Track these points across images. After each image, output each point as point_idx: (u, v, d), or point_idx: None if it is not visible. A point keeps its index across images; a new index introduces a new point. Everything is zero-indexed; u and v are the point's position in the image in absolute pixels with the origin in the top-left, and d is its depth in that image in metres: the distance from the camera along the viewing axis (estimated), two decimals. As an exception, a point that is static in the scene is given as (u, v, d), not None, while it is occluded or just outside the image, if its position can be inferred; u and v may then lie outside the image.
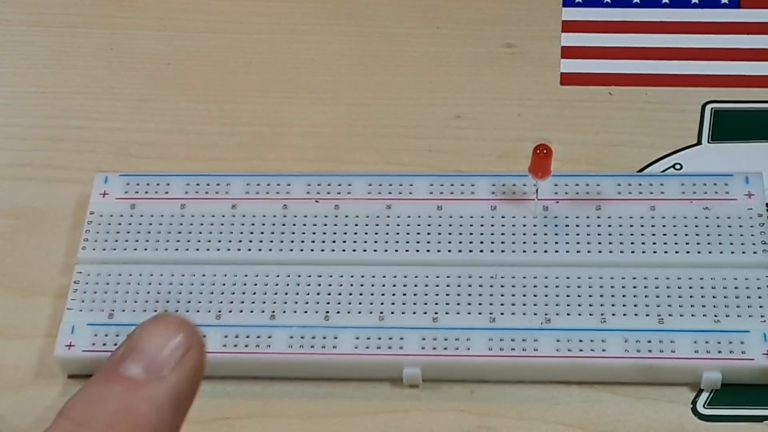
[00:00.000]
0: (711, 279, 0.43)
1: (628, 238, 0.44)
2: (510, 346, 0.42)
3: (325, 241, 0.45)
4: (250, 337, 0.42)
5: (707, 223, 0.44)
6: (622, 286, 0.43)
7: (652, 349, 0.41)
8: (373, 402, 0.42)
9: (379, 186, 0.46)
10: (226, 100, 0.52)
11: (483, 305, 0.43)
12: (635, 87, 0.51)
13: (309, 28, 0.55)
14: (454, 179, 0.46)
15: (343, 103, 0.52)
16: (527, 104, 0.51)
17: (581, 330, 0.42)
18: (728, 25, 0.53)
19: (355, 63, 0.53)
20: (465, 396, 0.42)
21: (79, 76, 0.53)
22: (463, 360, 0.42)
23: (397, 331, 0.42)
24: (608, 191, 0.45)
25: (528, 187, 0.45)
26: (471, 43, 0.54)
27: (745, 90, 0.51)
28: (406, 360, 0.42)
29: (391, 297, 0.43)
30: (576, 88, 0.52)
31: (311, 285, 0.44)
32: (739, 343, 0.41)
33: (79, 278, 0.44)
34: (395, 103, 0.52)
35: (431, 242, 0.44)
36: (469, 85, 0.52)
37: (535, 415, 0.42)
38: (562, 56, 0.53)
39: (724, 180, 0.45)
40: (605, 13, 0.54)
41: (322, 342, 0.42)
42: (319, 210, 0.45)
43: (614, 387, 0.42)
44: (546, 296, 0.43)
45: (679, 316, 0.42)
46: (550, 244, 0.44)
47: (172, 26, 0.55)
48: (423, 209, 0.45)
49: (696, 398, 0.42)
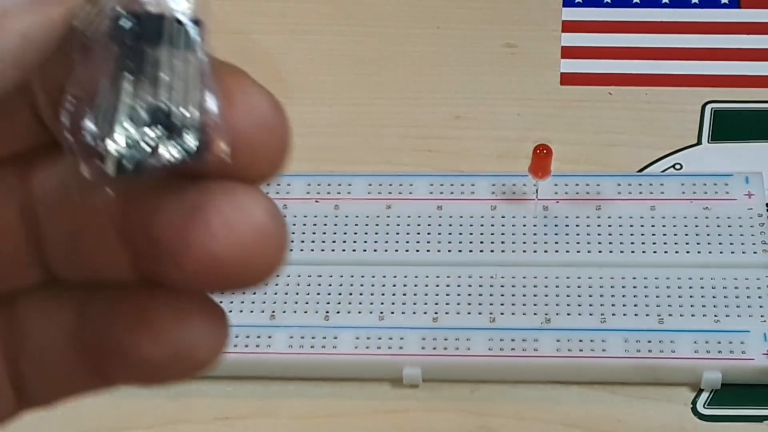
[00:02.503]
0: (711, 279, 0.43)
1: (628, 238, 0.44)
2: (510, 346, 0.42)
3: (325, 241, 0.45)
4: (250, 337, 0.42)
5: (707, 223, 0.44)
6: (622, 286, 0.43)
7: (652, 349, 0.41)
8: (373, 402, 0.42)
9: (379, 186, 0.46)
10: (226, 100, 0.52)
11: (483, 305, 0.43)
12: (635, 87, 0.51)
13: (309, 28, 0.55)
14: (454, 179, 0.46)
15: (343, 103, 0.52)
16: (527, 104, 0.51)
17: (581, 330, 0.42)
18: (728, 25, 0.53)
19: (355, 63, 0.53)
20: (465, 396, 0.42)
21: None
22: (463, 360, 0.42)
23: (397, 331, 0.42)
24: (608, 191, 0.45)
25: (528, 187, 0.45)
26: (471, 43, 0.54)
27: (745, 90, 0.51)
28: (406, 360, 0.42)
29: (391, 297, 0.43)
30: (576, 88, 0.52)
31: (311, 285, 0.44)
32: (739, 343, 0.41)
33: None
34: (395, 103, 0.52)
35: (431, 242, 0.44)
36: (469, 85, 0.52)
37: (535, 415, 0.42)
38: (562, 56, 0.53)
39: (724, 180, 0.45)
40: (605, 13, 0.54)
41: (322, 342, 0.42)
42: (319, 210, 0.45)
43: (614, 387, 0.42)
44: (546, 296, 0.43)
45: (679, 316, 0.42)
46: (550, 244, 0.44)
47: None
48: (423, 209, 0.45)
49: (696, 398, 0.42)
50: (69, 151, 0.20)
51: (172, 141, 0.20)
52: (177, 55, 0.21)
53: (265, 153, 0.21)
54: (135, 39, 0.21)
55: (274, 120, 0.21)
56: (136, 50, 0.21)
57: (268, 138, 0.21)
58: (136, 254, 0.21)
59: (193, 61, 0.21)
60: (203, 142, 0.20)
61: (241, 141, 0.21)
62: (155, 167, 0.20)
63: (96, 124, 0.20)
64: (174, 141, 0.20)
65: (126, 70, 0.21)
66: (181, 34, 0.21)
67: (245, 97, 0.21)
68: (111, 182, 0.20)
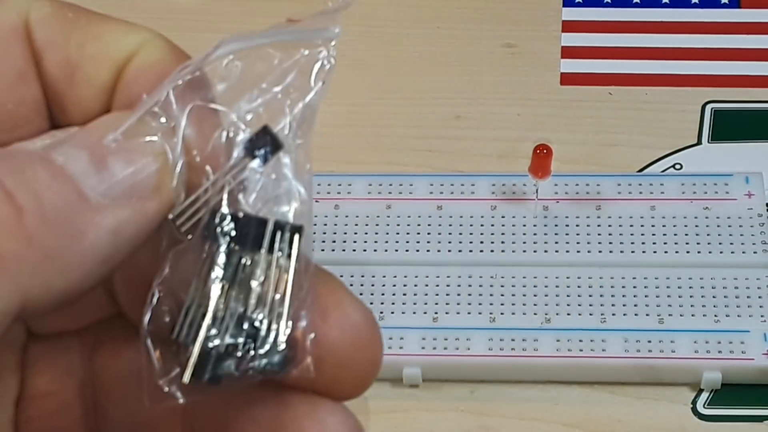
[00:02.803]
0: (711, 279, 0.43)
1: (628, 238, 0.44)
2: (510, 346, 0.42)
3: (326, 241, 0.45)
4: (250, 337, 0.42)
5: (707, 223, 0.44)
6: (622, 286, 0.43)
7: (652, 349, 0.41)
8: (373, 402, 0.42)
9: (379, 186, 0.46)
10: (226, 100, 0.52)
11: (483, 305, 0.43)
12: (635, 87, 0.51)
13: (309, 28, 0.55)
14: (454, 179, 0.46)
15: (343, 103, 0.52)
16: (527, 104, 0.51)
17: (581, 330, 0.42)
18: (728, 25, 0.53)
19: (355, 63, 0.53)
20: (465, 396, 0.42)
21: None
22: (463, 360, 0.42)
23: (397, 331, 0.42)
24: (608, 191, 0.45)
25: (528, 187, 0.45)
26: (471, 43, 0.54)
27: (745, 90, 0.51)
28: (406, 360, 0.42)
29: (391, 297, 0.43)
30: (576, 88, 0.52)
31: (311, 285, 0.43)
32: (739, 343, 0.41)
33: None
34: (395, 103, 0.52)
35: (431, 242, 0.44)
36: (469, 85, 0.52)
37: (535, 415, 0.42)
38: (562, 56, 0.53)
39: (724, 180, 0.45)
40: (605, 13, 0.54)
41: (322, 342, 0.42)
42: (319, 210, 0.45)
43: (614, 387, 0.42)
44: (546, 296, 0.43)
45: (679, 316, 0.42)
46: (550, 244, 0.44)
47: (172, 26, 0.55)
48: (423, 209, 0.45)
49: (696, 398, 0.42)
50: (146, 351, 0.19)
51: (258, 353, 0.19)
52: (274, 263, 0.20)
53: (355, 371, 0.20)
54: (232, 242, 0.20)
55: (368, 339, 0.20)
56: (232, 255, 0.19)
57: (359, 356, 0.20)
58: None
59: (290, 271, 0.20)
60: (289, 358, 0.19)
61: (331, 357, 0.20)
62: (235, 378, 0.19)
63: (180, 329, 0.19)
64: (259, 354, 0.19)
65: (219, 275, 0.19)
66: (280, 242, 0.20)
67: (340, 312, 0.20)
68: (186, 391, 0.19)
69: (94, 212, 0.19)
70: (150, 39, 0.21)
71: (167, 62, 0.21)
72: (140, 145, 0.19)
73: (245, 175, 0.20)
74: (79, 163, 0.19)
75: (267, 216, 0.20)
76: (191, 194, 0.20)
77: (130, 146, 0.19)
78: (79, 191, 0.19)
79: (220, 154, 0.20)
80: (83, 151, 0.19)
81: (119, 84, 0.21)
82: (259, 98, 0.20)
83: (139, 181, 0.19)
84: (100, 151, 0.19)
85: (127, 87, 0.21)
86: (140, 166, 0.19)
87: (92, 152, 0.19)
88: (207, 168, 0.20)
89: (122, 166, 0.19)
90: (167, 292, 0.20)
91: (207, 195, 0.20)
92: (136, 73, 0.21)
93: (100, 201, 0.19)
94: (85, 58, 0.21)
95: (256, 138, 0.20)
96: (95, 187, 0.19)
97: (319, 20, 0.21)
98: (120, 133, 0.19)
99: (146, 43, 0.21)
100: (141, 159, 0.19)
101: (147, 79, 0.20)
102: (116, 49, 0.21)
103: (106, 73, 0.21)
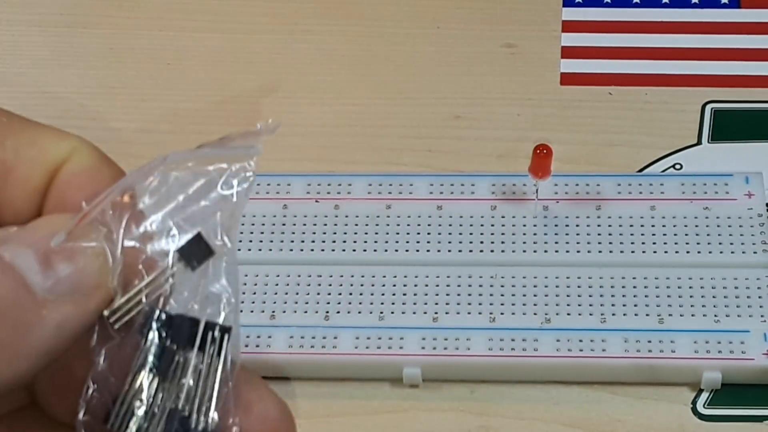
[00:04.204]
0: (711, 279, 0.43)
1: (628, 238, 0.44)
2: (510, 346, 0.42)
3: (325, 241, 0.45)
4: (250, 337, 0.42)
5: (707, 223, 0.44)
6: (622, 286, 0.43)
7: (652, 349, 0.41)
8: (373, 402, 0.42)
9: (379, 186, 0.46)
10: (226, 100, 0.52)
11: (483, 305, 0.43)
12: (635, 87, 0.51)
13: (309, 28, 0.55)
14: (454, 179, 0.46)
15: (343, 103, 0.52)
16: (527, 104, 0.51)
17: (581, 330, 0.42)
18: (728, 25, 0.53)
19: (355, 63, 0.53)
20: (465, 396, 0.42)
21: (79, 76, 0.53)
22: (463, 360, 0.42)
23: (397, 331, 0.42)
24: (608, 191, 0.45)
25: (528, 187, 0.45)
26: (471, 43, 0.54)
27: (745, 90, 0.51)
28: (406, 360, 0.42)
29: (391, 297, 0.43)
30: (576, 88, 0.52)
31: (311, 285, 0.44)
32: (739, 343, 0.41)
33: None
34: (395, 103, 0.52)
35: (431, 242, 0.44)
36: (469, 85, 0.52)
37: (535, 415, 0.42)
38: (562, 56, 0.53)
39: (724, 180, 0.45)
40: (605, 13, 0.54)
41: (322, 342, 0.42)
42: (319, 210, 0.45)
43: (614, 387, 0.42)
44: (546, 296, 0.43)
45: (679, 316, 0.42)
46: (550, 244, 0.44)
47: (172, 26, 0.55)
48: (423, 209, 0.45)
49: (696, 398, 0.42)
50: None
51: None
52: (203, 360, 0.21)
53: None
54: (167, 339, 0.21)
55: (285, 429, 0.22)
56: (166, 352, 0.21)
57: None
58: None
59: (218, 369, 0.22)
60: None
61: None
62: None
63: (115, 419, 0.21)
64: None
65: (151, 370, 0.21)
66: (211, 341, 0.22)
67: (261, 407, 0.22)
68: None
69: (41, 307, 0.20)
70: (80, 146, 0.23)
71: (97, 168, 0.23)
72: (82, 246, 0.21)
73: (177, 278, 0.22)
74: (25, 260, 0.21)
75: (198, 316, 0.22)
76: (126, 294, 0.21)
77: (73, 247, 0.21)
78: (27, 286, 0.21)
79: (155, 258, 0.22)
80: (29, 249, 0.21)
81: (52, 187, 0.23)
82: (190, 207, 0.22)
83: (82, 279, 0.21)
84: (45, 249, 0.21)
85: (60, 190, 0.23)
86: (82, 265, 0.21)
87: (37, 251, 0.21)
88: (141, 269, 0.22)
89: (66, 264, 0.21)
90: (101, 385, 0.21)
91: (141, 295, 0.21)
92: (68, 177, 0.23)
93: (46, 296, 0.21)
94: (20, 161, 0.23)
95: (188, 244, 0.22)
96: (41, 283, 0.21)
97: (247, 138, 0.24)
98: (64, 234, 0.21)
99: (77, 150, 0.23)
100: (83, 259, 0.21)
101: (78, 184, 0.23)
102: (51, 153, 0.23)
103: (39, 176, 0.23)
